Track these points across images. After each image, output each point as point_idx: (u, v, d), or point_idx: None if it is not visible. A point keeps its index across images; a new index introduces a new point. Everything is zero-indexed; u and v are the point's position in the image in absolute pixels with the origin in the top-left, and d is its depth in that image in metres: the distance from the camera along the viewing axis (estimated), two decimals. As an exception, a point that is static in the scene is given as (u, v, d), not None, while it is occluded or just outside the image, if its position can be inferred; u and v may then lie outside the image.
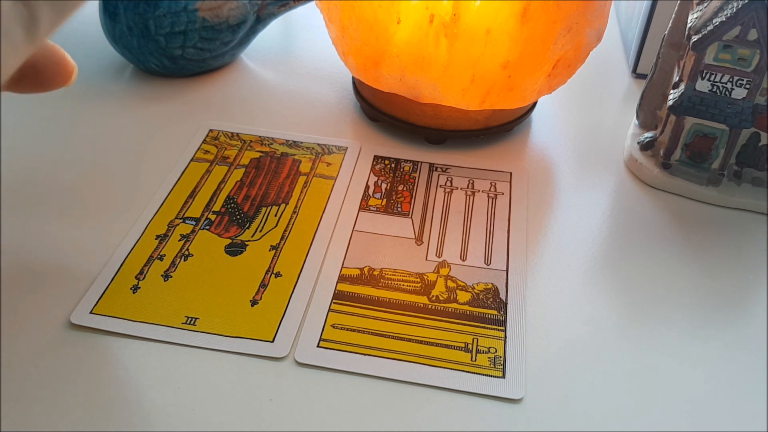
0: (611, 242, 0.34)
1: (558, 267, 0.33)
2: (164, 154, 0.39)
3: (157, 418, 0.26)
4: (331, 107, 0.44)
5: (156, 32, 0.42)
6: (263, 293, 0.31)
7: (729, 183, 0.37)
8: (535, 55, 0.35)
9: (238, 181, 0.37)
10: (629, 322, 0.30)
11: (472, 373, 0.28)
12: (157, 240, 0.33)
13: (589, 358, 0.29)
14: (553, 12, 0.33)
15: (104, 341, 0.28)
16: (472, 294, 0.31)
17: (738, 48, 0.33)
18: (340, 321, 0.30)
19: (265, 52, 0.50)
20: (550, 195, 0.37)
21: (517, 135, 0.42)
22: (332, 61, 0.49)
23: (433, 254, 0.33)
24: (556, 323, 0.30)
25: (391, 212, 0.36)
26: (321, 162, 0.39)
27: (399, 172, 0.38)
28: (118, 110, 0.43)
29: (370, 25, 0.35)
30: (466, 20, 0.33)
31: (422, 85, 0.36)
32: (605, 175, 0.39)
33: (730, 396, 0.27)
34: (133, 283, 0.31)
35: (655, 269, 0.33)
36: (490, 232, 0.35)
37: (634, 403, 0.27)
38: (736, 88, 0.34)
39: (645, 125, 0.41)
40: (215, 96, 0.45)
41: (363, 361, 0.28)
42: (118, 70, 0.47)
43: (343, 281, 0.32)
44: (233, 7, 0.44)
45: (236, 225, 0.34)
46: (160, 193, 0.36)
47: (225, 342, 0.28)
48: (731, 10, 0.33)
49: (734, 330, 0.30)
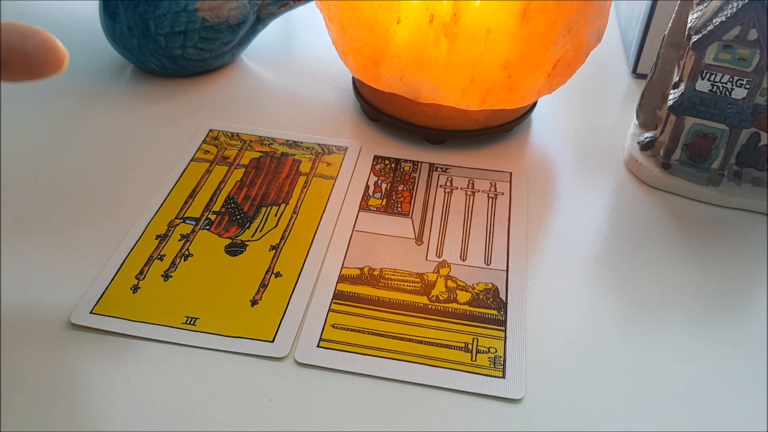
0: (611, 242, 0.35)
1: (558, 267, 0.33)
2: (164, 154, 0.39)
3: (157, 418, 0.26)
4: (331, 107, 0.44)
5: (156, 32, 0.42)
6: (263, 293, 0.31)
7: (729, 183, 0.37)
8: (535, 55, 0.35)
9: (238, 181, 0.37)
10: (629, 321, 0.30)
11: (472, 373, 0.28)
12: (157, 240, 0.33)
13: (588, 357, 0.29)
14: (553, 12, 0.33)
15: (104, 341, 0.28)
16: (472, 294, 0.31)
17: (738, 48, 0.33)
18: (340, 321, 0.30)
19: (265, 52, 0.50)
20: (550, 195, 0.37)
21: (517, 135, 0.42)
22: (332, 61, 0.49)
23: (433, 254, 0.33)
24: (556, 323, 0.30)
25: (391, 212, 0.36)
26: (321, 162, 0.39)
27: (399, 172, 0.38)
28: (118, 110, 0.43)
29: (370, 25, 0.35)
30: (466, 20, 0.33)
31: (422, 85, 0.36)
32: (605, 175, 0.39)
33: (730, 396, 0.27)
34: (133, 283, 0.31)
35: (655, 269, 0.33)
36: (490, 232, 0.35)
37: (634, 402, 0.27)
38: (736, 88, 0.34)
39: (645, 125, 0.41)
40: (215, 96, 0.45)
41: (363, 361, 0.28)
42: (118, 70, 0.47)
43: (343, 281, 0.32)
44: (233, 7, 0.44)
45: (236, 225, 0.34)
46: (160, 193, 0.36)
47: (225, 342, 0.28)
48: (731, 10, 0.33)
49: (734, 330, 0.30)
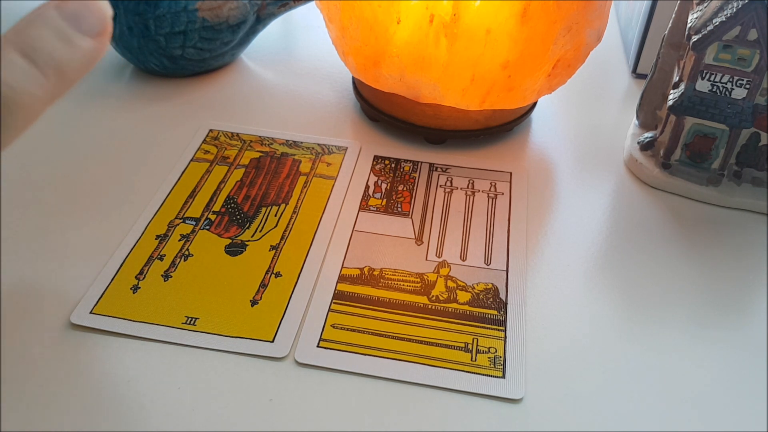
0: (611, 242, 0.34)
1: (558, 267, 0.33)
2: (164, 154, 0.39)
3: (157, 418, 0.26)
4: (331, 107, 0.44)
5: (156, 32, 0.42)
6: (263, 293, 0.31)
7: (729, 183, 0.37)
8: (535, 55, 0.35)
9: (238, 181, 0.37)
10: (629, 321, 0.30)
11: (472, 373, 0.28)
12: (157, 240, 0.33)
13: (589, 357, 0.29)
14: (553, 12, 0.33)
15: (104, 341, 0.28)
16: (472, 294, 0.31)
17: (738, 48, 0.33)
18: (340, 321, 0.30)
19: (265, 52, 0.50)
20: (550, 195, 0.37)
21: (517, 135, 0.42)
22: (332, 61, 0.49)
23: (433, 254, 0.33)
24: (556, 323, 0.30)
25: (391, 212, 0.36)
26: (321, 162, 0.39)
27: (399, 172, 0.38)
28: (118, 110, 0.43)
29: (370, 25, 0.35)
30: (466, 20, 0.33)
31: (422, 85, 0.36)
32: (605, 175, 0.39)
33: (730, 396, 0.27)
34: (133, 283, 0.31)
35: (655, 269, 0.33)
36: (490, 232, 0.35)
37: (634, 402, 0.27)
38: (736, 88, 0.34)
39: (645, 125, 0.41)
40: (215, 96, 0.45)
41: (363, 361, 0.28)
42: (118, 70, 0.47)
43: (343, 281, 0.32)
44: (233, 7, 0.44)
45: (236, 225, 0.34)
46: (160, 193, 0.36)
47: (225, 342, 0.28)
48: (731, 10, 0.32)
49: (734, 330, 0.30)
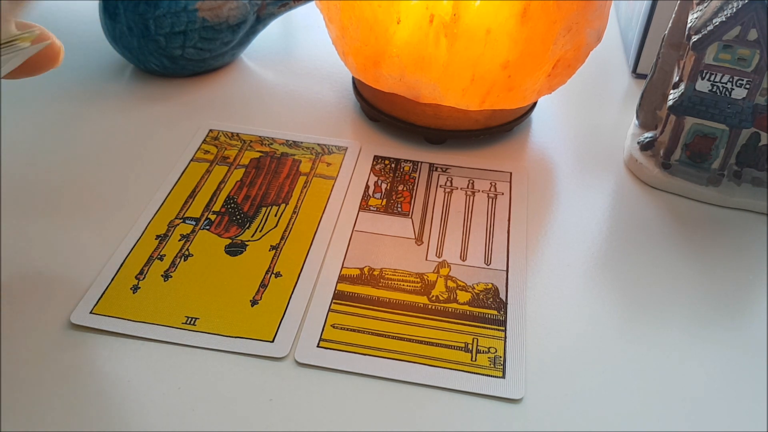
0: (611, 242, 0.34)
1: (558, 267, 0.33)
2: (164, 154, 0.39)
3: (157, 418, 0.26)
4: (331, 107, 0.44)
5: (156, 32, 0.42)
6: (263, 293, 0.31)
7: (729, 183, 0.37)
8: (535, 55, 0.35)
9: (238, 181, 0.37)
10: (629, 321, 0.30)
11: (472, 373, 0.28)
12: (157, 240, 0.33)
13: (589, 358, 0.29)
14: (553, 12, 0.33)
15: (104, 341, 0.28)
16: (472, 294, 0.31)
17: (738, 48, 0.33)
18: (340, 321, 0.30)
19: (265, 52, 0.50)
20: (550, 195, 0.37)
21: (517, 135, 0.42)
22: (332, 61, 0.49)
23: (433, 254, 0.33)
24: (556, 323, 0.30)
25: (391, 212, 0.36)
26: (321, 162, 0.39)
27: (399, 172, 0.38)
28: (118, 110, 0.43)
29: (370, 25, 0.35)
30: (466, 20, 0.33)
31: (422, 85, 0.36)
32: (605, 175, 0.39)
33: (730, 396, 0.27)
34: (133, 283, 0.31)
35: (655, 269, 0.33)
36: (490, 232, 0.35)
37: (634, 402, 0.27)
38: (736, 88, 0.34)
39: (645, 125, 0.41)
40: (215, 96, 0.45)
41: (363, 361, 0.28)
42: (118, 70, 0.47)
43: (343, 281, 0.32)
44: (233, 7, 0.44)
45: (236, 225, 0.34)
46: (160, 193, 0.36)
47: (225, 342, 0.28)
48: (731, 10, 0.32)
49: (734, 330, 0.30)
